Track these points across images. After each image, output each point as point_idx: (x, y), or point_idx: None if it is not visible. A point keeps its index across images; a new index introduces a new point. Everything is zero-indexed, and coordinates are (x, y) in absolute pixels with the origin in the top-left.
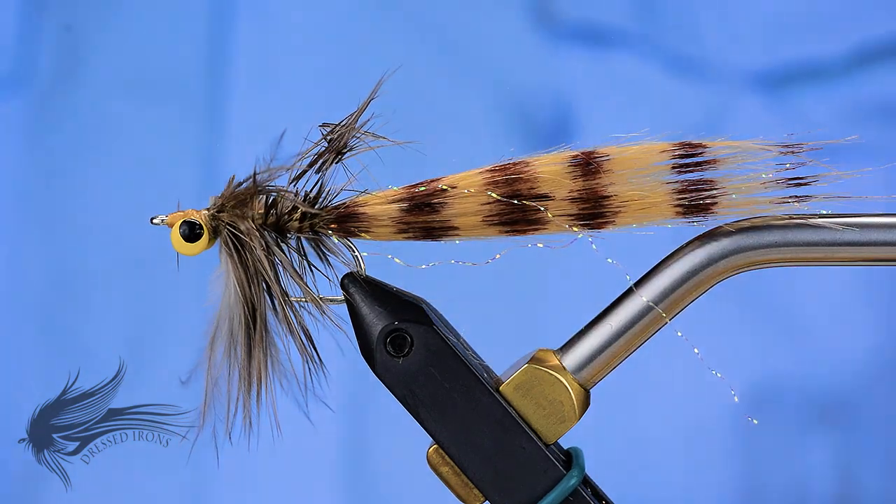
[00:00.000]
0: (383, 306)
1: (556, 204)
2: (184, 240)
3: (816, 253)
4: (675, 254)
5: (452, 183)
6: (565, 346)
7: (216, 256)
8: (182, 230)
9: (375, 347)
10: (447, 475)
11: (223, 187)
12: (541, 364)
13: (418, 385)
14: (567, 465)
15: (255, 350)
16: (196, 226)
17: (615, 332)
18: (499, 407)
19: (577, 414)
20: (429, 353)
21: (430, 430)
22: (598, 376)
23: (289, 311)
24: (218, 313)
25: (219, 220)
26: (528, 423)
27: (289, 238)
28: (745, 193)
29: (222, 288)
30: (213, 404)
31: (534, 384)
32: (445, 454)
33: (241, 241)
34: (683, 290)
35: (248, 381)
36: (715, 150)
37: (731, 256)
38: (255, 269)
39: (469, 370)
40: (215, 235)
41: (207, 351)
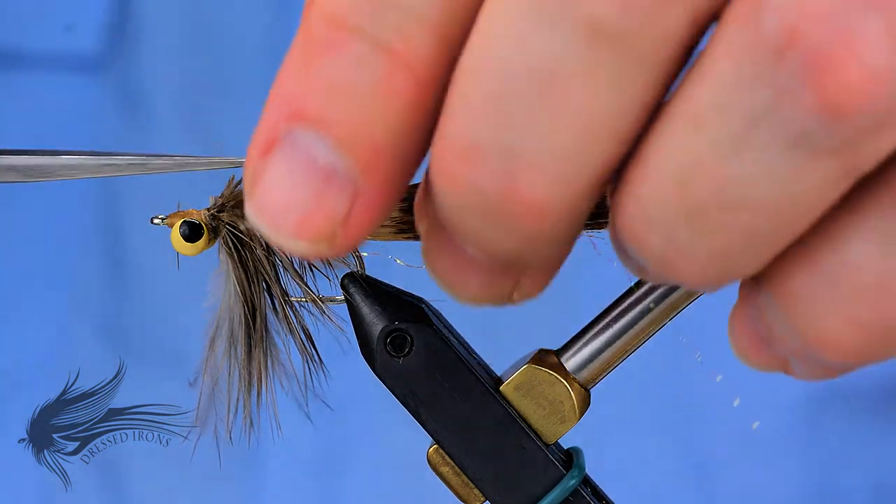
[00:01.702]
0: (383, 306)
1: None
2: (184, 240)
3: None
4: None
5: None
6: (566, 346)
7: (216, 256)
8: (182, 230)
9: (375, 347)
10: (447, 475)
11: (223, 187)
12: (541, 364)
13: (418, 385)
14: (567, 465)
15: (255, 350)
16: (196, 226)
17: (616, 333)
18: (499, 407)
19: (578, 414)
20: (429, 353)
21: (430, 430)
22: (598, 376)
23: (289, 310)
24: (218, 313)
25: (219, 220)
26: (529, 423)
27: None
28: None
29: (222, 288)
30: (214, 404)
31: (534, 384)
32: (445, 454)
33: (241, 241)
34: (684, 290)
35: (249, 380)
36: None
37: None
38: (255, 269)
39: (469, 370)
40: (215, 235)
41: (207, 351)
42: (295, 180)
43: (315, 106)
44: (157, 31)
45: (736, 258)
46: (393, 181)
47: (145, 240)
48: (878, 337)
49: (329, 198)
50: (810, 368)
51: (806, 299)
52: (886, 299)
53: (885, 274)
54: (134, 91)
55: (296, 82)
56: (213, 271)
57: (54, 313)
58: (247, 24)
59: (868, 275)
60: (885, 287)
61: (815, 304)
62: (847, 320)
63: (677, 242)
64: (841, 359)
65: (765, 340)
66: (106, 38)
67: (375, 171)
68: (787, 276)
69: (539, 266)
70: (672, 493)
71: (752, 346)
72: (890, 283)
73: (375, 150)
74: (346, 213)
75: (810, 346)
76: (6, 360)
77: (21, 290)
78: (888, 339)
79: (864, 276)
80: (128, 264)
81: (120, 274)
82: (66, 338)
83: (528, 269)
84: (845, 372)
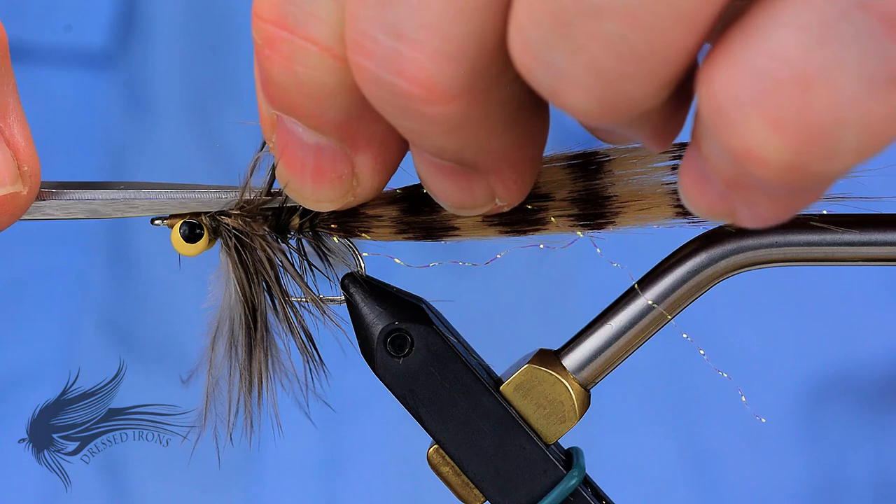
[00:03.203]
0: (383, 306)
1: (556, 204)
2: (184, 240)
3: (817, 252)
4: (676, 253)
5: None
6: (566, 346)
7: (216, 256)
8: (182, 231)
9: (376, 347)
10: (447, 475)
11: None
12: (541, 364)
13: (419, 385)
14: (567, 466)
15: (255, 350)
16: (196, 226)
17: (616, 332)
18: (499, 407)
19: (578, 414)
20: (429, 353)
21: (431, 429)
22: (598, 376)
23: (289, 310)
24: (218, 313)
25: (219, 221)
26: (529, 423)
27: (289, 238)
28: None
29: (222, 288)
30: (214, 404)
31: (534, 384)
32: (446, 454)
33: (242, 241)
34: (684, 290)
35: (249, 380)
36: None
37: (732, 256)
38: (255, 270)
39: (469, 370)
40: (215, 236)
41: (208, 351)
42: (297, 154)
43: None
44: (164, 29)
45: (618, 77)
46: (376, 134)
47: (146, 241)
48: (804, 143)
49: (328, 164)
50: (753, 203)
51: (729, 104)
52: (809, 98)
53: (807, 69)
54: (140, 88)
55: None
56: (214, 272)
57: (54, 314)
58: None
59: (788, 69)
60: (808, 84)
61: (738, 108)
62: (770, 123)
63: (557, 67)
64: (771, 173)
65: (706, 178)
66: (113, 36)
67: (354, 138)
68: (709, 81)
69: (493, 166)
70: (673, 493)
71: (695, 186)
72: (813, 79)
73: (341, 124)
74: (350, 171)
75: (739, 161)
76: (6, 361)
77: (21, 291)
78: (814, 146)
79: (785, 70)
80: (128, 265)
81: (120, 274)
82: (67, 338)
83: (485, 170)
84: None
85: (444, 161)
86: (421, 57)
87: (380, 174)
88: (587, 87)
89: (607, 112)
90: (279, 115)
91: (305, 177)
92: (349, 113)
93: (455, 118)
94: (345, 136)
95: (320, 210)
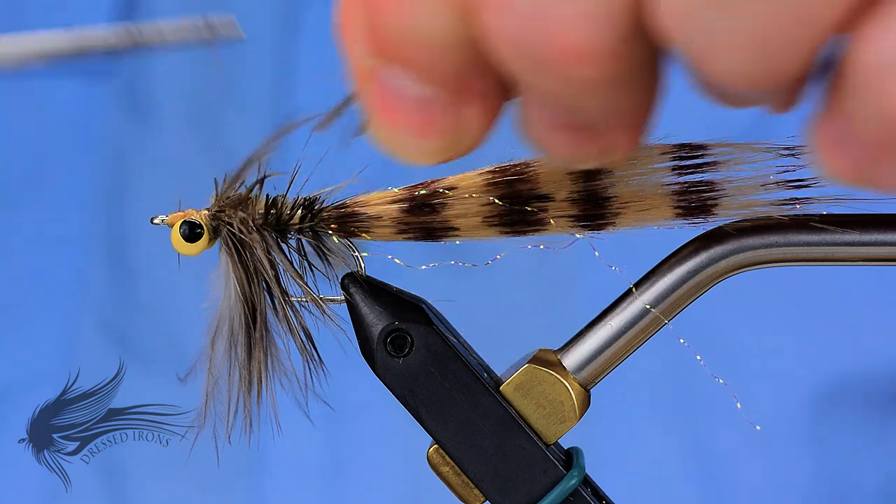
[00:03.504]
0: (383, 306)
1: (556, 205)
2: (184, 240)
3: (817, 252)
4: (676, 253)
5: (453, 184)
6: (565, 346)
7: (216, 256)
8: (182, 230)
9: (376, 347)
10: (447, 475)
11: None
12: (541, 364)
13: (418, 385)
14: (567, 465)
15: (255, 350)
16: (196, 226)
17: (616, 332)
18: (499, 407)
19: (578, 414)
20: (429, 353)
21: (431, 429)
22: (598, 376)
23: (289, 310)
24: (218, 313)
25: (219, 221)
26: (529, 423)
27: (289, 238)
28: (745, 195)
29: (222, 288)
30: (214, 404)
31: (534, 384)
32: (446, 454)
33: (242, 241)
34: (684, 290)
35: (249, 380)
36: (716, 151)
37: (732, 256)
38: (255, 269)
39: (469, 370)
40: (215, 235)
41: (208, 351)
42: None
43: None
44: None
45: (779, 41)
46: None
47: (146, 241)
48: None
49: (436, 116)
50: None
51: (887, 64)
52: None
53: None
54: (139, 92)
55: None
56: (213, 271)
57: (54, 314)
58: (253, 27)
59: None
60: None
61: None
62: None
63: (712, 32)
64: None
65: (845, 139)
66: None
67: (464, 90)
68: (866, 39)
69: (615, 121)
70: (674, 494)
71: (831, 148)
72: None
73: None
74: (456, 124)
75: (889, 120)
76: (6, 361)
77: (21, 292)
78: None
79: None
80: (128, 265)
81: (120, 275)
82: (67, 338)
83: (608, 127)
84: None
85: (567, 119)
86: (571, 17)
87: (485, 127)
88: (745, 52)
89: (761, 78)
90: (378, 68)
91: (410, 130)
92: (464, 65)
93: (597, 80)
94: (455, 88)
95: (422, 164)
